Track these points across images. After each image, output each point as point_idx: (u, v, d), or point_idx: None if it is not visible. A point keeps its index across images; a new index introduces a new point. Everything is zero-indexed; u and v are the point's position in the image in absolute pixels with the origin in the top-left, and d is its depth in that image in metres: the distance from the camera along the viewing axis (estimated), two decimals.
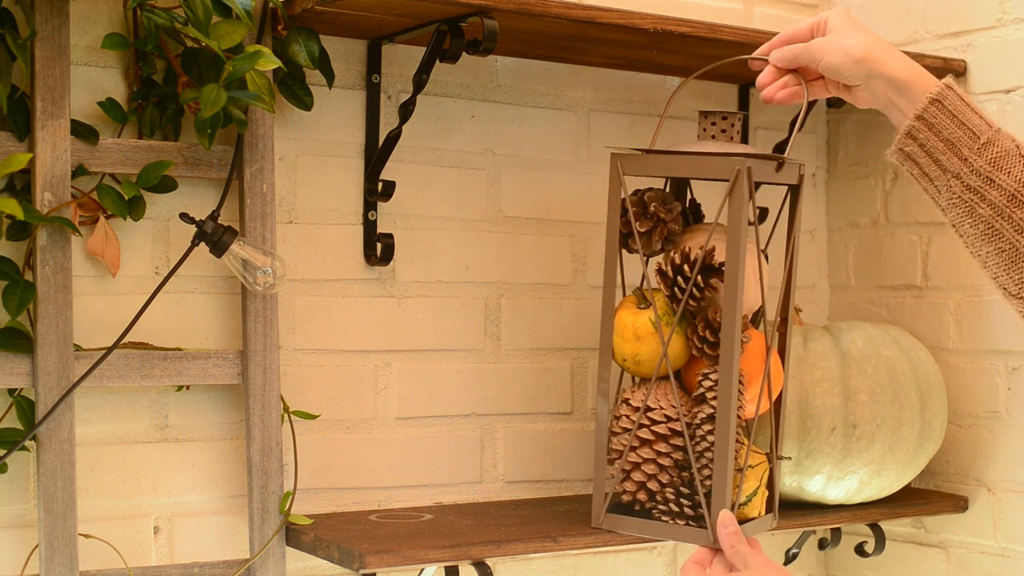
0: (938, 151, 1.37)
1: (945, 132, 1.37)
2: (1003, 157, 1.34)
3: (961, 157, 1.35)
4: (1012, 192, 1.32)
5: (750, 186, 1.47)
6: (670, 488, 1.51)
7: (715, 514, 1.46)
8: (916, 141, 1.38)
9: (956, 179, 1.35)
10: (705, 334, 1.50)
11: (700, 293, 1.50)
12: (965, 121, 1.37)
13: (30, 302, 1.42)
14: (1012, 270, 1.33)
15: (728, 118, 1.53)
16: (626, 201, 1.53)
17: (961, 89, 1.38)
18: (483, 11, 1.48)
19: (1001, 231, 1.33)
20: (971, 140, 1.35)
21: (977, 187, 1.34)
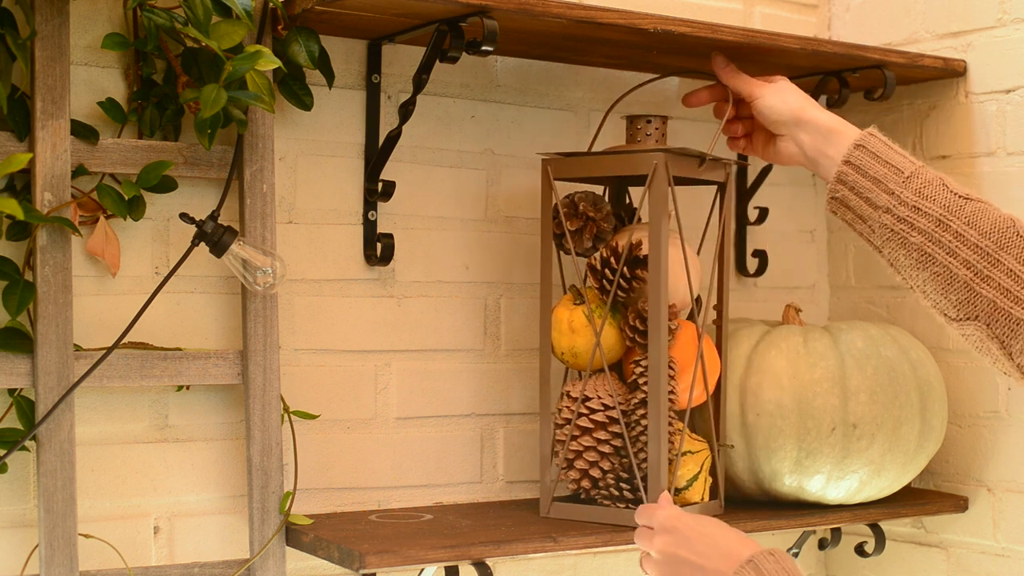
0: (866, 190, 1.44)
1: (871, 171, 1.44)
2: (927, 186, 1.40)
3: (888, 192, 1.41)
4: (938, 217, 1.37)
5: (668, 180, 1.56)
6: (611, 474, 1.60)
7: (651, 496, 1.55)
8: (846, 185, 1.46)
9: (886, 213, 1.41)
10: (636, 324, 1.59)
11: (628, 285, 1.59)
12: (889, 160, 1.44)
13: (30, 302, 1.42)
14: (949, 292, 1.38)
15: (652, 121, 1.64)
16: (558, 202, 1.62)
17: (882, 135, 1.47)
18: (483, 11, 1.48)
19: (933, 255, 1.38)
20: (896, 175, 1.42)
21: (906, 217, 1.40)
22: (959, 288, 1.37)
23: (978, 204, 1.38)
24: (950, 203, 1.38)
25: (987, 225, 1.36)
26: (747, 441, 1.71)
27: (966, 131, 1.91)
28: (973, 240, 1.36)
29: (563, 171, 1.64)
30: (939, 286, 1.39)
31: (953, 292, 1.37)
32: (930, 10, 1.95)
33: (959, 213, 1.37)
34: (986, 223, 1.36)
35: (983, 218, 1.37)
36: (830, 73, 1.87)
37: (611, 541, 1.57)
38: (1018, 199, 1.84)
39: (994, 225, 1.36)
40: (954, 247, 1.37)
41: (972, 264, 1.36)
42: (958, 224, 1.37)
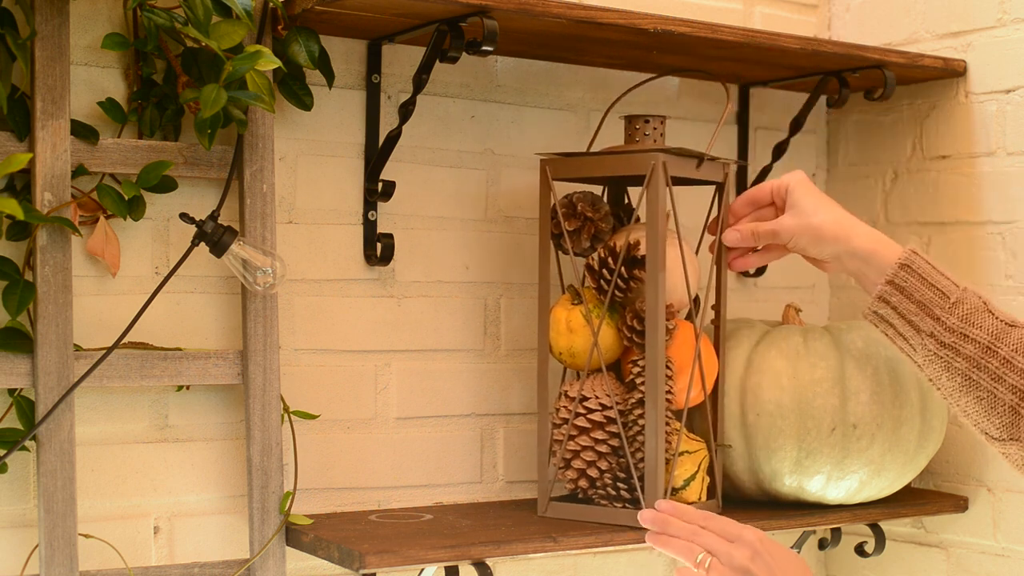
0: (911, 312, 1.46)
1: (916, 295, 1.45)
2: (973, 313, 1.41)
3: (934, 317, 1.43)
4: (986, 345, 1.40)
5: (666, 180, 1.57)
6: (608, 474, 1.61)
7: (649, 496, 1.56)
8: (889, 304, 1.47)
9: (930, 338, 1.43)
10: (633, 323, 1.59)
11: (626, 285, 1.60)
12: (934, 283, 1.45)
13: (30, 302, 1.42)
14: (992, 416, 1.41)
15: (651, 121, 1.64)
16: (556, 203, 1.63)
17: (926, 254, 1.49)
18: (483, 11, 1.48)
19: (979, 381, 1.41)
20: (942, 300, 1.44)
21: (952, 343, 1.42)
22: (1003, 412, 1.40)
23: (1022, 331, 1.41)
24: (997, 330, 1.40)
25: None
26: (747, 441, 1.71)
27: (966, 131, 1.91)
28: (1021, 366, 1.39)
29: (561, 171, 1.64)
30: (982, 409, 1.42)
31: (997, 416, 1.40)
32: (930, 10, 1.95)
33: (1006, 340, 1.40)
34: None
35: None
36: (830, 73, 1.87)
37: (611, 541, 1.57)
38: (1018, 199, 1.84)
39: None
40: (1001, 373, 1.39)
41: (1019, 389, 1.39)
42: (1006, 351, 1.39)
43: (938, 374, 1.44)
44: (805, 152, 2.09)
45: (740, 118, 2.01)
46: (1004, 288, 1.85)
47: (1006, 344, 1.39)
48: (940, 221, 1.95)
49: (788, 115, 1.99)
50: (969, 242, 1.90)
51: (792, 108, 1.99)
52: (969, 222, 1.90)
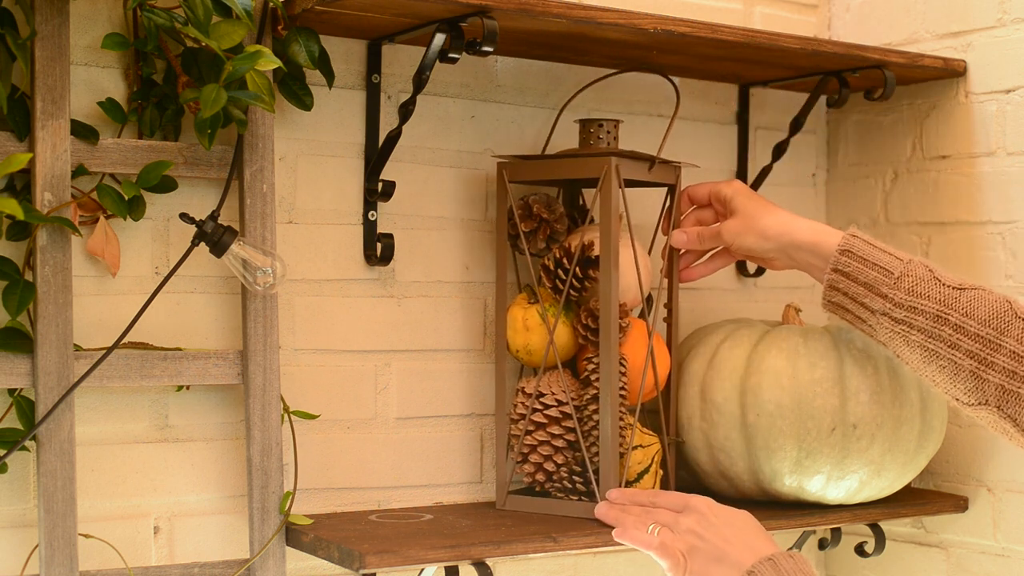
0: (860, 295, 1.48)
1: (861, 277, 1.48)
2: (919, 284, 1.43)
3: (881, 295, 1.45)
4: (935, 314, 1.41)
5: (619, 182, 1.60)
6: (565, 468, 1.65)
7: (604, 489, 1.60)
8: (839, 291, 1.50)
9: (884, 316, 1.45)
10: (588, 322, 1.64)
11: (580, 284, 1.64)
12: (876, 262, 1.47)
13: (30, 302, 1.42)
14: (957, 381, 1.41)
15: (604, 124, 1.68)
16: (512, 204, 1.67)
17: (866, 234, 1.50)
18: (483, 11, 1.48)
19: (937, 351, 1.42)
20: (886, 277, 1.46)
21: (904, 318, 1.44)
22: (966, 377, 1.40)
23: (972, 292, 1.40)
24: (945, 297, 1.41)
25: (985, 312, 1.39)
26: (747, 441, 1.71)
27: (966, 131, 1.91)
28: (973, 330, 1.39)
29: (517, 174, 1.68)
30: (947, 377, 1.42)
31: (961, 381, 1.40)
32: (930, 10, 1.95)
33: (955, 305, 1.40)
34: (984, 311, 1.39)
35: (980, 306, 1.39)
36: (830, 73, 1.87)
37: (611, 541, 1.57)
38: (1018, 199, 1.84)
39: (992, 311, 1.39)
40: (955, 340, 1.40)
41: (975, 353, 1.39)
42: (956, 317, 1.40)
43: (900, 349, 1.46)
44: (805, 152, 2.09)
45: (740, 118, 2.01)
46: (1004, 288, 1.85)
47: (955, 309, 1.40)
48: (940, 221, 1.95)
49: (788, 115, 1.99)
50: (969, 242, 1.90)
51: (792, 108, 1.99)
52: (969, 222, 1.90)
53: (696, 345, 1.80)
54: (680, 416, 1.78)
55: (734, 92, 2.01)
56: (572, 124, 1.80)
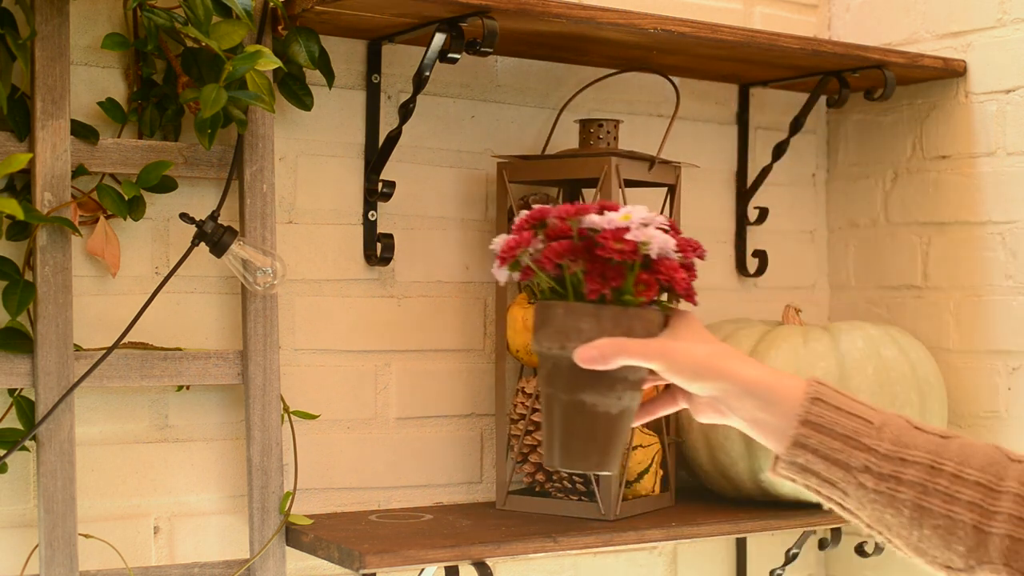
0: (835, 451, 1.21)
1: (838, 429, 1.22)
2: (903, 434, 1.21)
3: (864, 448, 1.21)
4: (929, 464, 1.19)
5: (619, 182, 1.60)
6: None
7: (603, 489, 1.61)
8: (807, 449, 1.22)
9: (865, 473, 1.21)
10: None
11: None
12: (852, 411, 1.22)
13: (30, 302, 1.42)
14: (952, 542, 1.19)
15: (604, 125, 1.68)
16: (512, 204, 1.67)
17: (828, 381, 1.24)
18: (483, 11, 1.48)
19: (931, 508, 1.19)
20: (867, 427, 1.21)
21: (891, 473, 1.20)
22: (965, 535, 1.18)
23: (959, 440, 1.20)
24: (934, 446, 1.20)
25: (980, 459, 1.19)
26: (747, 441, 1.71)
27: (966, 131, 1.91)
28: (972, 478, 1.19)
29: (517, 174, 1.68)
30: (941, 539, 1.20)
31: (958, 542, 1.19)
32: (930, 10, 1.95)
33: (947, 454, 1.19)
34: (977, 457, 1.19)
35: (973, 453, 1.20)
36: (830, 73, 1.87)
37: (611, 541, 1.57)
38: (1018, 199, 1.84)
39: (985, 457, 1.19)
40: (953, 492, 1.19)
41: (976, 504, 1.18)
42: (951, 466, 1.19)
43: (880, 514, 1.22)
44: (805, 152, 2.09)
45: (740, 118, 2.01)
46: (1004, 288, 1.85)
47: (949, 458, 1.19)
48: (940, 221, 1.95)
49: (788, 115, 1.99)
50: (969, 242, 1.90)
51: (792, 108, 1.99)
52: (969, 222, 1.90)
53: None
54: (680, 416, 1.78)
55: (734, 92, 2.01)
56: (572, 124, 1.80)
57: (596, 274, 1.31)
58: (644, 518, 1.65)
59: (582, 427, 1.33)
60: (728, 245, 2.02)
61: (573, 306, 1.31)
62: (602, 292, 1.29)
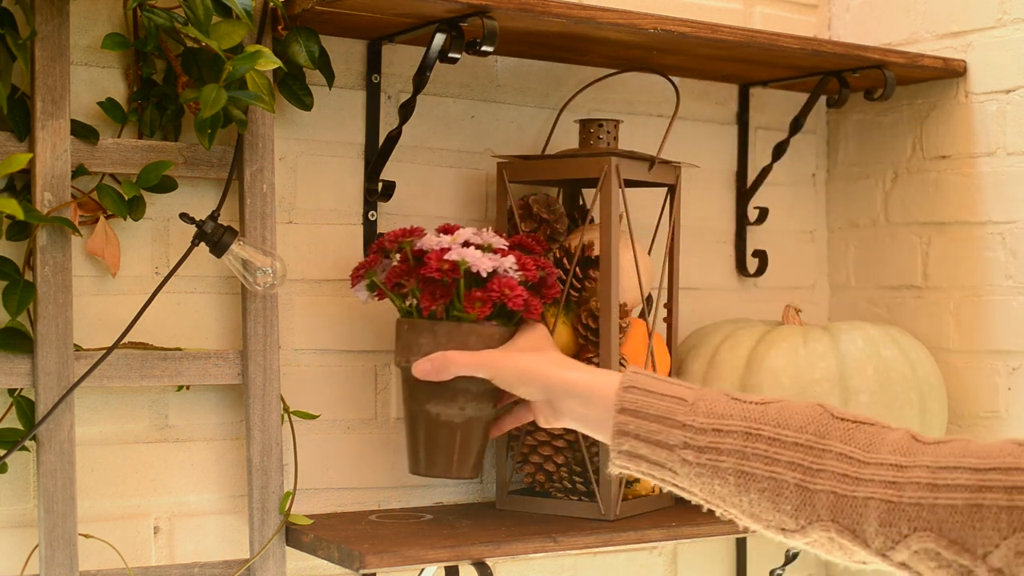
0: (654, 432, 1.25)
1: (652, 411, 1.26)
2: (718, 405, 1.24)
3: (680, 425, 1.24)
4: (744, 430, 1.22)
5: (619, 182, 1.60)
6: (564, 468, 1.65)
7: (603, 489, 1.61)
8: (629, 435, 1.26)
9: (686, 449, 1.24)
10: (588, 322, 1.63)
11: (580, 285, 1.64)
12: (665, 392, 1.26)
13: (30, 302, 1.42)
14: (781, 503, 1.21)
15: (604, 125, 1.68)
16: (512, 204, 1.67)
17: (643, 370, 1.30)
18: (483, 11, 1.48)
19: (752, 472, 1.21)
20: (680, 405, 1.25)
21: (710, 445, 1.23)
22: (791, 494, 1.20)
23: (779, 404, 1.23)
24: (749, 412, 1.22)
25: (798, 420, 1.21)
26: None
27: (966, 131, 1.91)
28: (791, 439, 1.21)
29: (517, 174, 1.68)
30: (768, 502, 1.21)
31: (785, 501, 1.20)
32: (930, 10, 1.95)
33: (763, 419, 1.22)
34: (796, 419, 1.21)
35: (791, 415, 1.22)
36: (830, 73, 1.87)
37: (611, 541, 1.57)
38: (1018, 199, 1.84)
39: (805, 417, 1.21)
40: (772, 454, 1.21)
41: (798, 463, 1.20)
42: (768, 429, 1.21)
43: (709, 484, 1.24)
44: (805, 152, 2.09)
45: (740, 118, 2.01)
46: (1004, 288, 1.85)
47: (766, 423, 1.22)
48: (940, 221, 1.95)
49: (788, 115, 1.99)
50: (969, 242, 1.90)
51: (792, 108, 1.99)
52: (969, 222, 1.90)
53: (696, 345, 1.80)
54: None
55: (734, 92, 2.01)
56: (572, 124, 1.80)
57: (427, 292, 1.44)
58: (644, 518, 1.65)
59: (430, 435, 1.46)
60: (728, 245, 2.02)
61: (414, 323, 1.45)
62: (432, 309, 1.42)
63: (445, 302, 1.44)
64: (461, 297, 1.43)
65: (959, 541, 1.10)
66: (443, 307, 1.44)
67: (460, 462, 1.46)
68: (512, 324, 1.47)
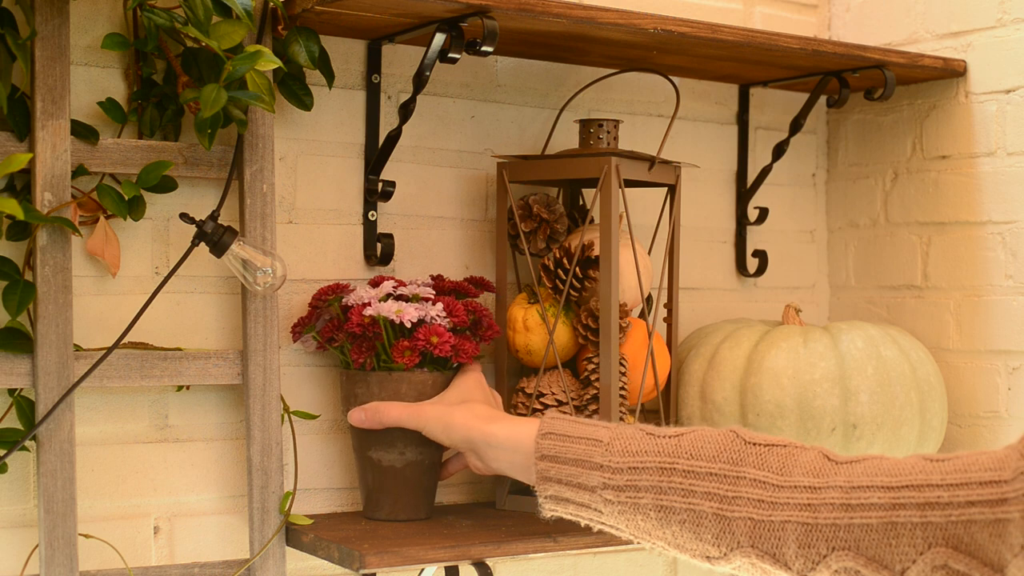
0: (574, 476, 1.30)
1: (569, 454, 1.31)
2: (630, 442, 1.27)
3: (596, 467, 1.28)
4: (658, 466, 1.25)
5: (619, 182, 1.60)
6: None
7: None
8: (551, 480, 1.32)
9: (606, 489, 1.28)
10: (588, 322, 1.64)
11: (580, 284, 1.65)
12: (581, 435, 1.31)
13: (30, 302, 1.42)
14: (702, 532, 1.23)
15: (604, 125, 1.68)
16: (512, 204, 1.68)
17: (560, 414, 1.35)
18: (483, 11, 1.48)
19: (672, 506, 1.24)
20: (596, 447, 1.29)
21: (627, 483, 1.27)
22: (710, 524, 1.22)
23: (692, 434, 1.26)
24: (663, 447, 1.26)
25: (711, 449, 1.23)
26: None
27: (966, 131, 1.91)
28: (705, 470, 1.23)
29: (517, 174, 1.69)
30: (690, 533, 1.24)
31: (706, 531, 1.23)
32: (930, 10, 1.95)
33: (677, 452, 1.25)
34: (709, 448, 1.24)
35: (704, 445, 1.24)
36: (830, 73, 1.87)
37: (611, 541, 1.57)
38: (1018, 199, 1.84)
39: (718, 446, 1.24)
40: (688, 486, 1.23)
41: (714, 493, 1.22)
42: (683, 462, 1.24)
43: (632, 521, 1.28)
44: (805, 152, 2.09)
45: (740, 118, 2.01)
46: (1004, 288, 1.85)
47: (680, 456, 1.24)
48: (940, 221, 1.95)
49: (788, 115, 1.99)
50: (969, 242, 1.90)
51: (792, 108, 1.99)
52: (969, 222, 1.90)
53: (696, 345, 1.80)
54: (680, 416, 1.78)
55: (734, 92, 2.01)
56: (572, 124, 1.80)
57: (355, 347, 1.54)
58: None
59: (375, 480, 1.56)
60: (728, 245, 2.02)
61: (350, 374, 1.55)
62: (361, 361, 1.53)
63: (371, 355, 1.53)
64: (389, 348, 1.52)
65: (877, 559, 1.12)
66: (371, 359, 1.53)
67: (405, 504, 1.56)
68: (448, 369, 1.55)
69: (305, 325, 1.58)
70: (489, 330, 1.60)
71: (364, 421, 1.53)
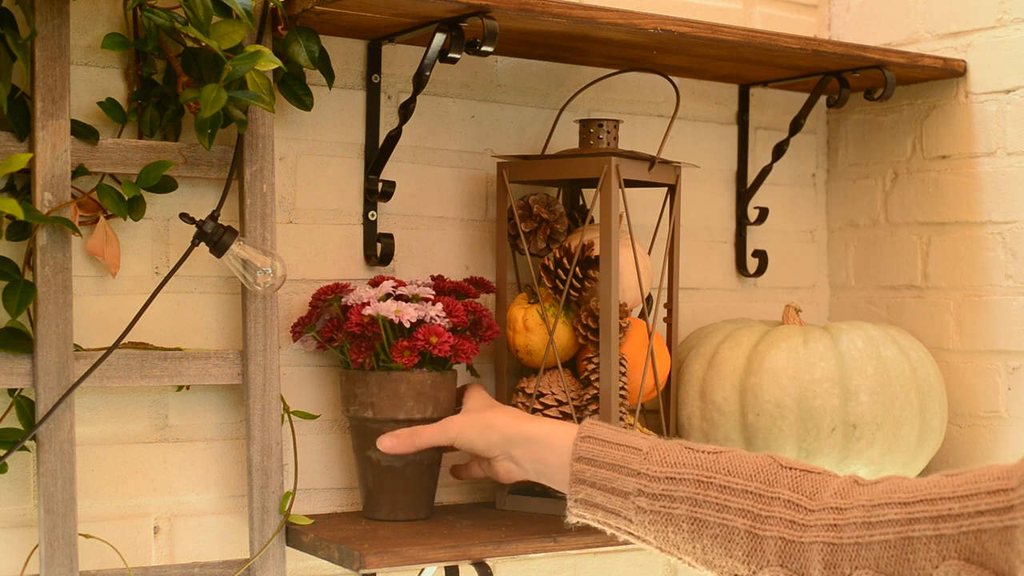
0: (610, 480, 1.32)
1: (607, 459, 1.32)
2: (671, 454, 1.30)
3: (634, 473, 1.30)
4: (696, 478, 1.27)
5: (619, 182, 1.60)
6: None
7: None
8: (585, 483, 1.34)
9: (640, 496, 1.30)
10: (588, 322, 1.64)
11: (580, 284, 1.65)
12: (621, 442, 1.33)
13: (30, 302, 1.42)
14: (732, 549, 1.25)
15: (604, 125, 1.68)
16: (512, 204, 1.68)
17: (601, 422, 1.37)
18: (483, 11, 1.48)
19: (705, 519, 1.26)
20: (634, 454, 1.31)
21: (663, 492, 1.28)
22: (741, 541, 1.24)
23: (729, 453, 1.29)
24: (701, 461, 1.28)
25: (748, 469, 1.26)
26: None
27: (966, 131, 1.91)
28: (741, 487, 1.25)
29: (517, 174, 1.69)
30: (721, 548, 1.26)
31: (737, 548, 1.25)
32: (930, 10, 1.95)
33: (715, 468, 1.27)
34: (747, 467, 1.26)
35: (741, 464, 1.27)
36: (830, 73, 1.87)
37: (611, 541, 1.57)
38: (1018, 199, 1.84)
39: (755, 467, 1.26)
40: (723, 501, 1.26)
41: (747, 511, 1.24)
42: (720, 478, 1.26)
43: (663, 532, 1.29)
44: (805, 152, 2.09)
45: (740, 118, 2.01)
46: (1004, 288, 1.85)
47: (718, 472, 1.27)
48: (940, 221, 1.95)
49: (788, 115, 1.99)
50: (969, 242, 1.90)
51: (792, 108, 1.99)
52: (969, 222, 1.90)
53: (696, 345, 1.80)
54: (680, 416, 1.78)
55: (734, 92, 2.01)
56: (572, 124, 1.80)
57: (354, 346, 1.54)
58: None
59: (375, 480, 1.56)
60: (728, 245, 2.02)
61: (349, 374, 1.55)
62: (360, 361, 1.53)
63: (370, 355, 1.53)
64: (388, 348, 1.52)
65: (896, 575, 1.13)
66: (370, 359, 1.53)
67: (405, 504, 1.57)
68: (446, 370, 1.56)
69: (305, 325, 1.58)
70: (489, 330, 1.60)
71: (396, 447, 1.53)
